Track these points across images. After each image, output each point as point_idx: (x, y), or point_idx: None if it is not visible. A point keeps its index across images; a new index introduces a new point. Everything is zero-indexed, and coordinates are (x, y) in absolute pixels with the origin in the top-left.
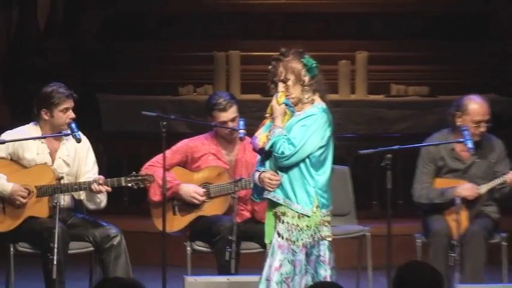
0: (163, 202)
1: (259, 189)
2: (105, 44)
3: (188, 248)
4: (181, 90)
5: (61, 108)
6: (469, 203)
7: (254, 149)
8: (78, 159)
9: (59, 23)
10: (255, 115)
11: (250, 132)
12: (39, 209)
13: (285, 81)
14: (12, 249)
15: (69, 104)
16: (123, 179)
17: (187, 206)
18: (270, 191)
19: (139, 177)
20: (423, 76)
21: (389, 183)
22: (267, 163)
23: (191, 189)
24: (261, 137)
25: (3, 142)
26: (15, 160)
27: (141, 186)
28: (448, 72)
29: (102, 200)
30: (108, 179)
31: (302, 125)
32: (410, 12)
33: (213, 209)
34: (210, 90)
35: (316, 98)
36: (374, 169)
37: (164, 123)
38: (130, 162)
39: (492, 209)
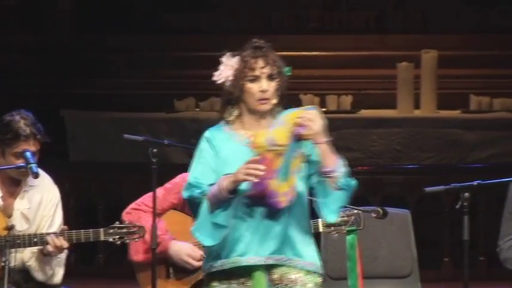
0: (152, 262)
1: None
2: (79, 40)
3: None
4: (179, 105)
5: (14, 151)
6: None
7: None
8: (40, 216)
9: (20, 14)
10: None
11: None
12: None
13: (274, 78)
14: None
15: (29, 146)
16: (101, 231)
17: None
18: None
19: (125, 229)
20: None
21: (467, 234)
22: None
23: (184, 251)
24: (283, 188)
25: None
26: None
27: (127, 241)
28: None
29: (56, 272)
30: (80, 232)
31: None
32: None
33: None
34: (218, 105)
35: None
36: (445, 213)
37: (154, 150)
38: (107, 205)
39: None
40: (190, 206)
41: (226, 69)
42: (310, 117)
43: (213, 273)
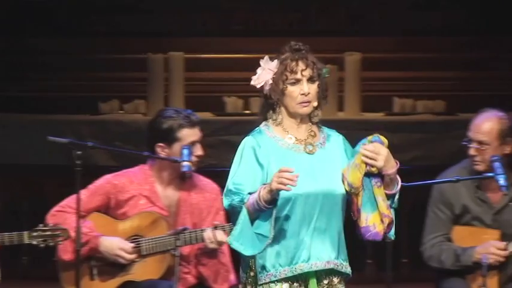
0: (76, 263)
1: None
2: (4, 43)
3: None
4: (103, 107)
5: None
6: (499, 263)
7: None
8: None
9: None
10: (203, 141)
11: (197, 164)
12: None
13: (315, 81)
14: None
15: None
16: (25, 234)
17: (110, 267)
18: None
19: (49, 232)
20: (438, 86)
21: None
22: None
23: (115, 245)
24: (375, 218)
25: None
26: None
27: (51, 244)
28: (474, 80)
29: None
30: (4, 235)
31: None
32: None
33: (145, 271)
34: (143, 107)
35: None
36: None
37: (79, 152)
38: (30, 207)
39: None
40: (230, 214)
41: (265, 73)
42: (374, 152)
43: (267, 283)
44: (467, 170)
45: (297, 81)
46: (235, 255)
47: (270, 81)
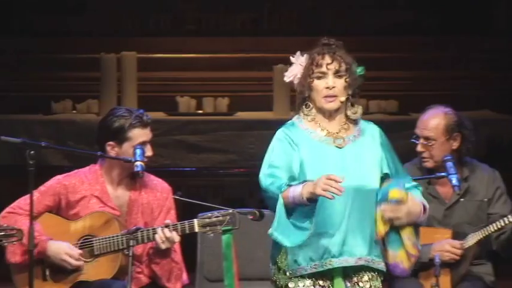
0: (30, 264)
1: None
2: None
3: None
4: (56, 107)
5: None
6: (454, 261)
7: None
8: None
9: None
10: (156, 140)
11: (151, 164)
12: None
13: (342, 75)
14: None
15: None
16: None
17: (63, 268)
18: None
19: (3, 233)
20: (391, 86)
21: None
22: None
23: (62, 250)
24: (401, 255)
25: None
26: None
27: (5, 244)
28: (426, 80)
29: None
30: None
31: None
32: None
33: (98, 271)
34: (95, 107)
35: None
36: None
37: (31, 152)
38: None
39: (485, 269)
40: (265, 197)
41: (295, 68)
42: (393, 212)
43: (296, 276)
44: (418, 168)
45: (323, 74)
46: (187, 254)
47: (299, 76)
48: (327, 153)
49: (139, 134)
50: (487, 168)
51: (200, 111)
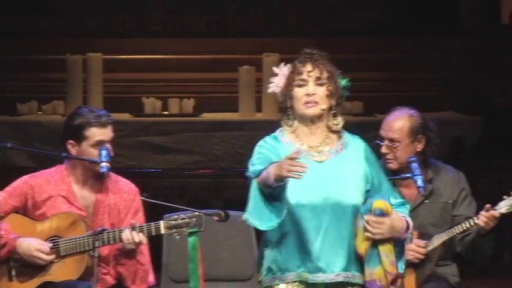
0: None
1: None
2: None
3: None
4: (22, 108)
5: None
6: (416, 262)
7: None
8: None
9: None
10: (122, 141)
11: (116, 165)
12: None
13: (323, 83)
14: None
15: None
16: None
17: (29, 268)
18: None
19: None
20: (356, 87)
21: None
22: None
23: (32, 246)
24: (379, 273)
25: None
26: None
27: None
28: (391, 82)
29: None
30: None
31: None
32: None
33: (64, 272)
34: (61, 108)
35: None
36: None
37: None
38: None
39: (450, 270)
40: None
41: (278, 78)
42: (376, 225)
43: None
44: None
45: (304, 82)
46: (153, 255)
47: (281, 85)
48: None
49: (97, 133)
50: (451, 170)
51: (166, 113)
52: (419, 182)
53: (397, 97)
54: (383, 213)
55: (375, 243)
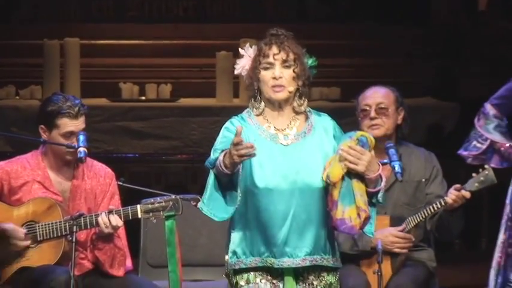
0: None
1: None
2: None
3: None
4: None
5: None
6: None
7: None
8: None
9: None
10: (99, 127)
11: (94, 151)
12: None
13: (290, 66)
14: None
15: None
16: None
17: (5, 254)
18: None
19: None
20: (333, 73)
21: None
22: None
23: (7, 233)
24: (351, 212)
25: None
26: None
27: None
28: (368, 67)
29: None
30: None
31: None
32: None
33: (41, 257)
34: (38, 93)
35: None
36: None
37: None
38: None
39: (426, 254)
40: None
41: (244, 60)
42: (357, 157)
43: (240, 270)
44: None
45: (270, 65)
46: (130, 240)
47: (247, 67)
48: (272, 152)
49: (68, 124)
50: (423, 151)
51: (143, 98)
52: (397, 168)
53: (374, 83)
54: (367, 144)
55: (349, 176)
